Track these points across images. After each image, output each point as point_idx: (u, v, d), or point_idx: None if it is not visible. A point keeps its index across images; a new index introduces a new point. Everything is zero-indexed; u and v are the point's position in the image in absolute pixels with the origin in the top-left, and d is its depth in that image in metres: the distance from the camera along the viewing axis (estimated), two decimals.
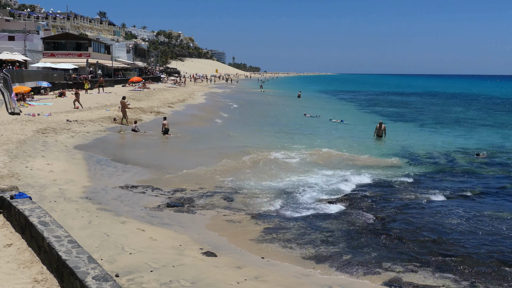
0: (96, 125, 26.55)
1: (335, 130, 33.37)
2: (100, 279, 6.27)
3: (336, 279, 9.09)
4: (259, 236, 11.32)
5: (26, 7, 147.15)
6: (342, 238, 11.39)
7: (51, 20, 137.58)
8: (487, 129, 35.77)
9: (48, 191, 12.73)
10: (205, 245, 10.09)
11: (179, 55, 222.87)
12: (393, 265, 9.87)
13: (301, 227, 12.07)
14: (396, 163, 21.12)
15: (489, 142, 28.34)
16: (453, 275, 9.46)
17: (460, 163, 21.62)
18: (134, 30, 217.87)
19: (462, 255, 10.50)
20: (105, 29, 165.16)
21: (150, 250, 9.18)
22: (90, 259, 6.86)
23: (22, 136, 20.15)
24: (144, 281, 7.67)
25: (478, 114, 49.84)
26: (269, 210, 13.50)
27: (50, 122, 25.26)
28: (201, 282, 7.96)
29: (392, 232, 11.92)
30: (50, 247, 7.38)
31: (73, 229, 9.54)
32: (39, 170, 14.94)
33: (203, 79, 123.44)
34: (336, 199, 14.92)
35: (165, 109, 39.19)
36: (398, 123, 39.97)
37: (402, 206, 14.30)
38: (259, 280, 8.48)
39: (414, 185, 16.92)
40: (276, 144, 25.44)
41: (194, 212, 12.84)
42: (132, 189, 14.49)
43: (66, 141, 20.77)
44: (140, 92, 54.73)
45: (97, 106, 35.81)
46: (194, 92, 68.16)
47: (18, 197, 9.60)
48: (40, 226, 8.05)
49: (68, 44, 68.09)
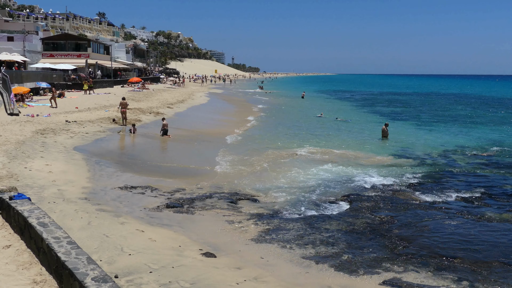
0: (95, 126, 26.52)
1: (339, 130, 33.52)
2: (100, 280, 6.25)
3: (336, 280, 9.08)
4: (259, 237, 11.31)
5: (25, 7, 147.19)
6: (342, 239, 11.38)
7: (50, 20, 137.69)
8: (490, 129, 35.77)
9: (47, 192, 12.71)
10: (204, 246, 10.08)
11: (178, 55, 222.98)
12: (392, 265, 9.86)
13: (300, 228, 12.06)
14: (397, 163, 21.16)
15: (492, 141, 28.32)
16: (453, 275, 9.44)
17: (462, 163, 21.60)
18: (133, 30, 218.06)
19: (462, 255, 10.49)
20: (104, 29, 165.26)
21: (149, 251, 9.16)
22: (89, 260, 6.85)
23: (21, 137, 20.12)
24: (143, 282, 7.66)
25: (479, 113, 49.83)
26: (268, 210, 13.49)
27: (49, 123, 25.22)
28: (200, 283, 7.95)
29: (392, 233, 11.91)
30: (49, 248, 7.36)
31: (72, 230, 9.52)
32: (38, 171, 14.92)
33: (203, 80, 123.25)
34: (335, 199, 14.93)
35: (165, 110, 39.16)
36: (399, 122, 40.11)
37: (402, 206, 14.29)
38: (259, 281, 8.47)
39: (414, 186, 16.92)
40: (284, 144, 25.48)
41: (193, 212, 12.83)
42: (131, 190, 14.47)
43: (65, 141, 20.74)
44: (139, 93, 54.70)
45: (96, 107, 35.77)
46: (193, 92, 68.14)
47: (17, 198, 9.58)
48: (39, 227, 8.04)
49: (67, 45, 68.09)
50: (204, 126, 32.80)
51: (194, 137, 26.85)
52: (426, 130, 34.93)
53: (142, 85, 64.22)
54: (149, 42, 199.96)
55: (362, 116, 45.39)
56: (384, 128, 29.63)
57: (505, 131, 34.43)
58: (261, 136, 28.98)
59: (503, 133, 33.54)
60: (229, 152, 22.51)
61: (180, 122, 33.45)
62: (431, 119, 43.68)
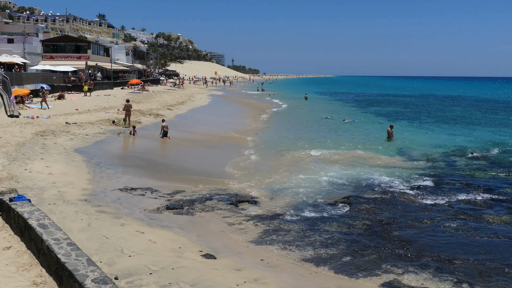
0: (95, 128, 26.53)
1: (346, 131, 33.69)
2: (100, 282, 6.25)
3: (336, 281, 9.08)
4: (259, 238, 11.31)
5: (25, 9, 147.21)
6: (342, 240, 11.38)
7: (50, 22, 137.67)
8: (491, 130, 35.77)
9: (47, 193, 12.71)
10: (204, 247, 10.08)
11: (178, 57, 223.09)
12: (392, 267, 9.86)
13: (300, 229, 12.07)
14: (398, 164, 21.23)
15: (492, 143, 28.31)
16: (453, 277, 9.44)
17: (462, 165, 21.59)
18: (133, 32, 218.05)
19: (462, 257, 10.49)
20: (104, 31, 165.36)
21: (149, 252, 9.16)
22: (89, 262, 6.85)
23: (21, 139, 20.12)
24: (143, 284, 7.66)
25: (479, 115, 49.80)
26: (268, 212, 13.50)
27: (49, 125, 25.23)
28: (200, 284, 7.95)
29: (392, 235, 11.92)
30: (49, 250, 7.36)
31: (72, 231, 9.52)
32: (38, 172, 14.92)
33: (204, 82, 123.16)
34: (335, 201, 14.92)
35: (165, 111, 39.16)
36: (402, 123, 40.38)
37: (402, 208, 14.30)
38: (259, 283, 8.47)
39: (415, 187, 16.91)
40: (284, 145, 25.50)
41: (193, 214, 12.83)
42: (131, 192, 14.47)
43: (65, 143, 20.74)
44: (139, 95, 54.70)
45: (96, 108, 35.79)
46: (193, 94, 68.12)
47: (17, 200, 9.59)
48: (39, 229, 8.04)
49: (67, 47, 68.10)
50: (207, 129, 32.82)
51: (198, 141, 26.87)
52: (428, 132, 34.98)
53: (142, 87, 64.24)
54: (149, 44, 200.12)
55: (367, 117, 45.58)
56: (389, 129, 30.02)
57: (506, 133, 34.41)
58: (272, 139, 28.91)
59: (504, 135, 33.52)
60: (239, 155, 22.51)
61: (180, 124, 33.46)
62: (432, 121, 43.72)
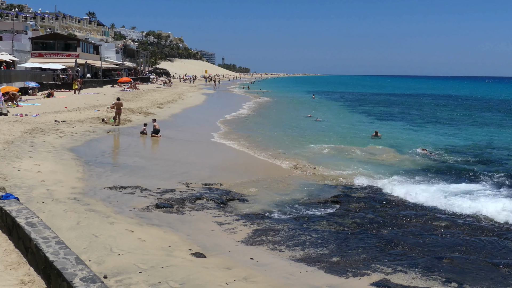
0: (84, 126, 26.37)
1: (317, 128, 33.62)
2: (88, 281, 6.21)
3: (325, 280, 9.10)
4: (249, 238, 11.31)
5: (14, 7, 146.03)
6: (332, 240, 11.42)
7: (39, 20, 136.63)
8: (480, 129, 36.07)
9: (36, 192, 12.61)
10: (194, 246, 10.06)
11: (168, 55, 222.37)
12: (382, 266, 9.90)
13: (290, 229, 12.08)
14: (387, 163, 21.36)
15: (482, 142, 28.55)
16: (442, 276, 9.50)
17: (453, 164, 21.78)
18: (123, 30, 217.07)
19: (451, 256, 10.56)
20: (94, 29, 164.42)
21: (138, 251, 9.12)
22: (78, 260, 6.80)
23: (9, 137, 19.95)
24: (132, 282, 7.63)
25: (467, 113, 50.19)
26: (258, 211, 13.49)
27: (38, 123, 25.04)
28: (190, 283, 7.93)
29: (382, 234, 11.97)
30: (37, 248, 7.31)
31: (61, 230, 9.45)
32: (27, 171, 14.79)
33: (192, 80, 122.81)
34: (325, 200, 14.95)
35: (155, 110, 39.03)
36: (390, 122, 40.45)
37: (391, 207, 14.37)
38: (248, 281, 8.47)
39: (404, 186, 16.98)
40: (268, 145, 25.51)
41: (183, 213, 12.80)
42: (121, 190, 14.40)
43: (54, 141, 20.59)
44: (129, 93, 54.46)
45: (86, 106, 35.58)
46: (183, 92, 67.96)
47: (5, 198, 9.50)
48: (27, 227, 7.97)
49: (57, 44, 67.52)
50: (194, 127, 32.74)
51: (185, 138, 26.81)
52: (417, 130, 35.24)
53: (132, 85, 63.97)
54: (139, 42, 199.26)
55: (355, 117, 45.72)
56: (374, 135, 29.91)
57: (493, 132, 34.72)
58: (256, 135, 28.94)
59: (491, 133, 33.82)
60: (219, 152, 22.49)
61: (170, 123, 33.37)
62: (421, 119, 44.06)
